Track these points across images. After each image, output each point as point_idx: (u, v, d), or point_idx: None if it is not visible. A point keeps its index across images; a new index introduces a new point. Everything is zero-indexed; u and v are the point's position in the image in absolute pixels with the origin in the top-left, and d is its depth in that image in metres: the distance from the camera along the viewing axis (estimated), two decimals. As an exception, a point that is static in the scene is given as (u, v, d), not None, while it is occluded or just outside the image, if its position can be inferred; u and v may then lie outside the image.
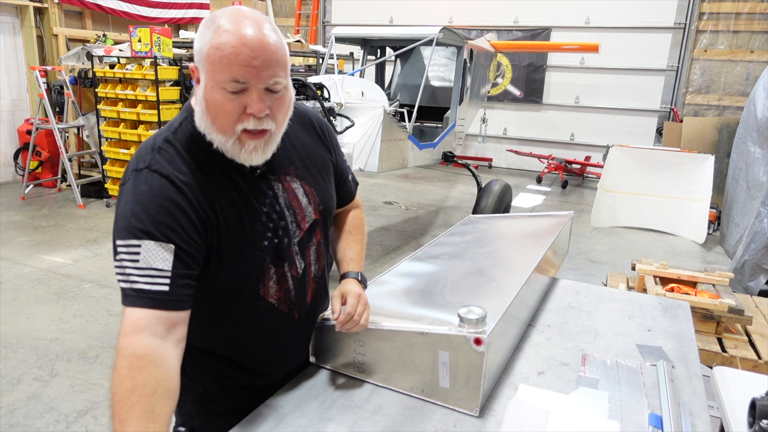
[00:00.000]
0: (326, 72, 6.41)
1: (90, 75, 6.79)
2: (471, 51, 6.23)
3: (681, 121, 8.47)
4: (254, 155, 1.14)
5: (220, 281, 1.19)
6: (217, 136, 1.12)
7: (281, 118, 1.15)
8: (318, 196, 1.32)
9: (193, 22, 10.18)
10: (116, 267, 1.06)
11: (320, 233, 1.34)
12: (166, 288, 1.04)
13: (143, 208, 1.06)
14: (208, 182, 1.14)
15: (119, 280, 1.05)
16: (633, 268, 3.18)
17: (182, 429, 1.32)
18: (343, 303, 1.29)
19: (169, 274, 1.04)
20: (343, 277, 1.39)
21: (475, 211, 5.49)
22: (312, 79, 4.39)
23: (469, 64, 6.23)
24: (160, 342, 1.01)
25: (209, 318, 1.23)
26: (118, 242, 1.06)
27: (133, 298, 1.03)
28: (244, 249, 1.17)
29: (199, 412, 1.34)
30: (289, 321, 1.30)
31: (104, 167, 6.72)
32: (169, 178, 1.09)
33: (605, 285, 3.15)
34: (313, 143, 1.37)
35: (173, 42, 6.40)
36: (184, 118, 1.19)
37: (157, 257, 1.04)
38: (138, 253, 1.04)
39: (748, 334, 2.72)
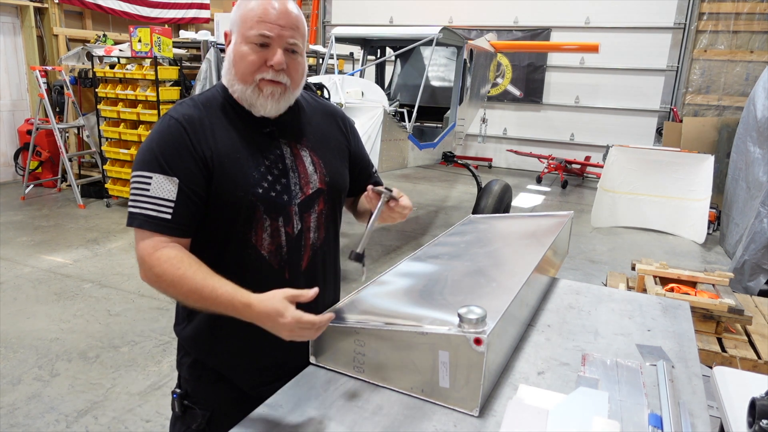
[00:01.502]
0: (326, 72, 6.41)
1: (90, 75, 6.79)
2: (471, 51, 6.23)
3: (681, 121, 8.47)
4: (270, 101, 1.29)
5: (213, 219, 1.29)
6: (239, 85, 1.29)
7: (296, 78, 1.32)
8: (325, 168, 1.42)
9: (193, 22, 10.18)
10: (131, 194, 1.25)
11: (324, 204, 1.41)
12: (169, 216, 1.22)
13: (156, 146, 1.25)
14: (214, 126, 1.30)
15: (130, 206, 1.23)
16: (633, 268, 3.18)
17: (178, 390, 1.44)
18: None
19: (172, 204, 1.22)
20: None
21: (475, 211, 5.49)
22: (312, 79, 4.40)
23: (469, 64, 6.22)
24: (179, 248, 1.23)
25: (206, 264, 1.25)
26: (134, 173, 1.25)
27: (141, 221, 1.22)
28: (236, 189, 1.28)
29: (192, 377, 1.43)
30: (279, 278, 1.32)
31: (104, 167, 6.72)
32: (177, 120, 1.27)
33: (605, 285, 3.15)
34: (330, 128, 1.50)
35: (173, 42, 6.40)
36: (214, 86, 1.39)
37: (164, 189, 1.22)
38: (149, 184, 1.22)
39: (748, 334, 2.72)
